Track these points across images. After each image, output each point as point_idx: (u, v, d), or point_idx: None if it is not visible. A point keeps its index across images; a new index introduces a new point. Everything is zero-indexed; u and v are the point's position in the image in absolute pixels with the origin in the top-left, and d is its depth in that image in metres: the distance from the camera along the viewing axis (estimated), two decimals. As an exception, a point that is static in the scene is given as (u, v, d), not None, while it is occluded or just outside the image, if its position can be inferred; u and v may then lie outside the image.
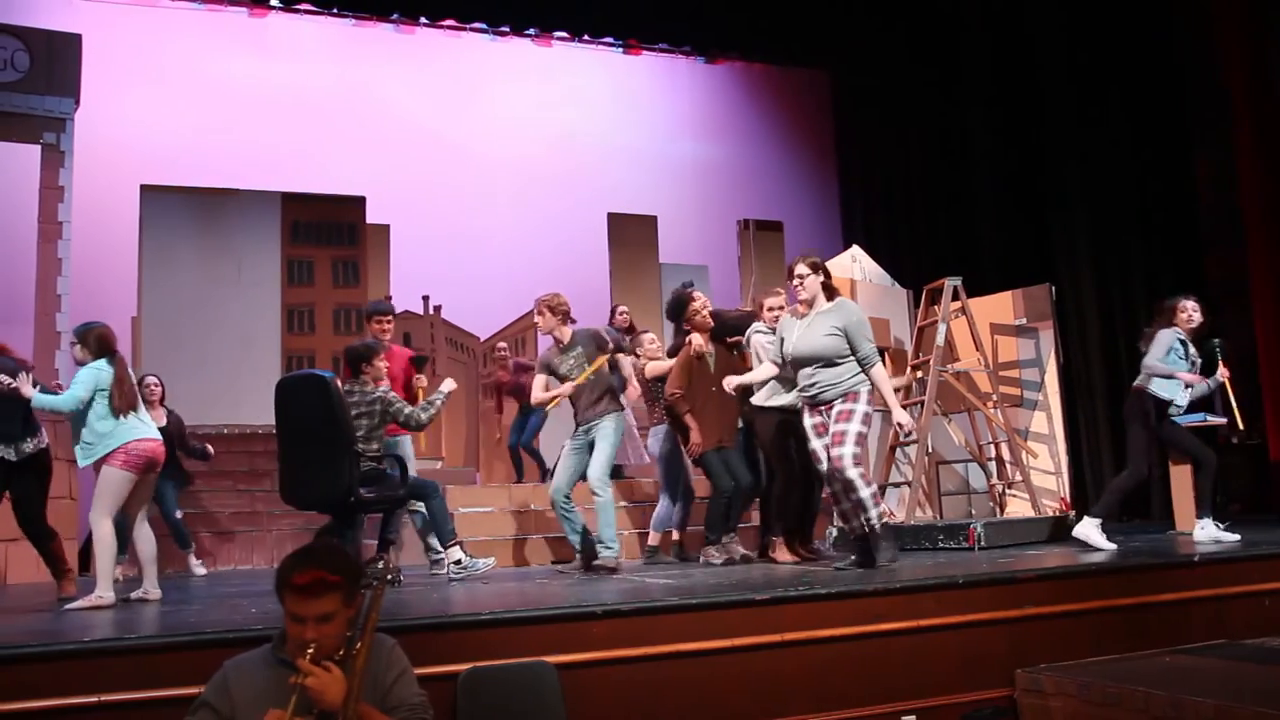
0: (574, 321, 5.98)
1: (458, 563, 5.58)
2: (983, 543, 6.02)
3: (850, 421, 4.86)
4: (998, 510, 7.24)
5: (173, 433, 7.31)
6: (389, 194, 10.07)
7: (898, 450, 7.23)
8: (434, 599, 4.50)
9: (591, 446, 5.80)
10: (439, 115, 11.35)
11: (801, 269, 5.08)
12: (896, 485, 7.21)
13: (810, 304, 5.09)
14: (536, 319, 5.90)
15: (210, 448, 7.60)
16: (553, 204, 10.70)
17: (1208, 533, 5.75)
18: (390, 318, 6.41)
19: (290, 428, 5.40)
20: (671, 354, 6.28)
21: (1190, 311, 5.94)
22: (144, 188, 9.08)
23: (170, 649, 3.19)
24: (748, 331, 5.98)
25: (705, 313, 6.08)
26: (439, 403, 5.60)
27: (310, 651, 2.38)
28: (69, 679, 3.06)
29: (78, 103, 8.99)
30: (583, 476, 5.83)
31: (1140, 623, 4.27)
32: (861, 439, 4.89)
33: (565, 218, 10.70)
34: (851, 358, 4.97)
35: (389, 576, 5.09)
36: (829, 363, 4.95)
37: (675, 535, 6.36)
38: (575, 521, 5.85)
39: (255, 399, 8.85)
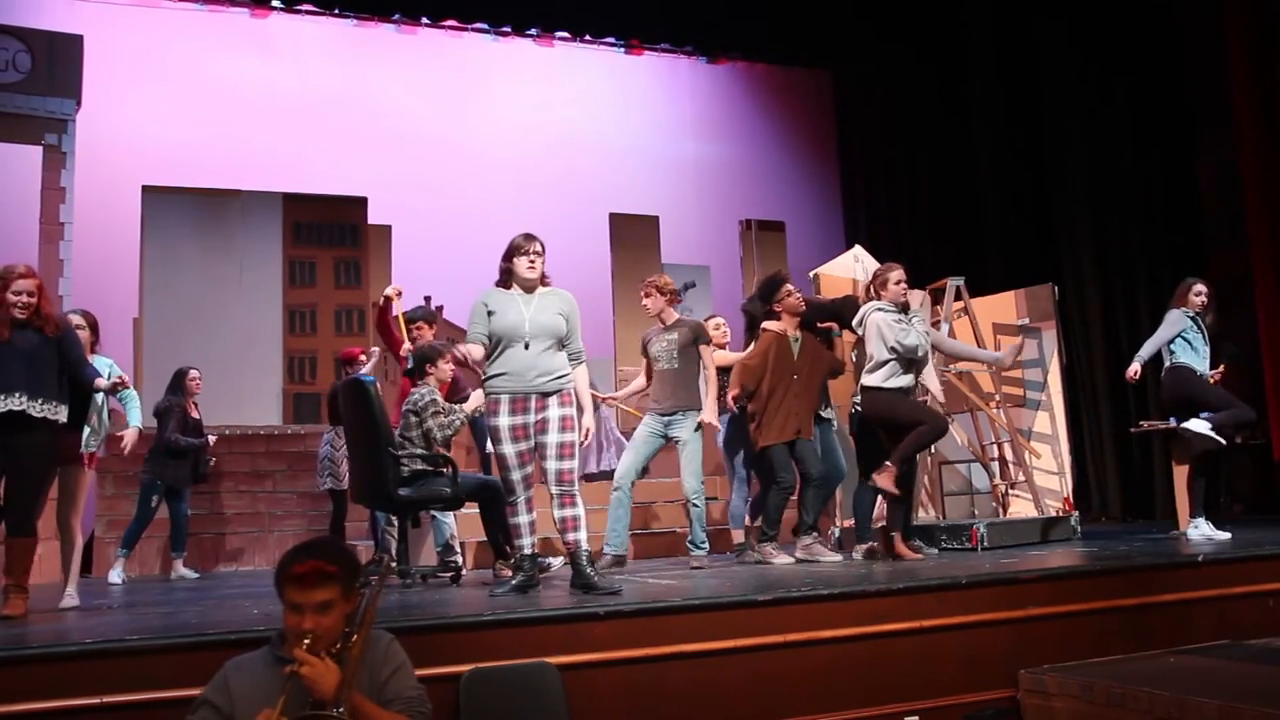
0: (680, 304, 6.12)
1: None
2: (986, 543, 6.01)
3: None
4: (1001, 510, 7.23)
5: (199, 428, 7.37)
6: (391, 195, 10.08)
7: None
8: (434, 600, 4.50)
9: (665, 439, 5.86)
10: (441, 116, 11.36)
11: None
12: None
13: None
14: (645, 301, 5.99)
15: (213, 461, 7.62)
16: (554, 204, 10.69)
17: (1201, 531, 5.77)
18: (427, 325, 6.32)
19: (347, 430, 5.77)
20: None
21: (1198, 292, 6.16)
22: (145, 189, 9.10)
23: (172, 650, 3.19)
24: (865, 310, 5.68)
25: (798, 295, 6.02)
26: (459, 422, 5.58)
27: (307, 642, 2.40)
28: (72, 680, 3.06)
29: (79, 104, 9.00)
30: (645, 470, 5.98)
31: (1144, 623, 4.26)
32: None
33: (567, 218, 10.70)
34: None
35: (407, 575, 5.21)
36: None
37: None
38: (625, 511, 5.84)
39: (257, 400, 8.92)
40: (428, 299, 10.83)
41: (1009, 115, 10.55)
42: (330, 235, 9.66)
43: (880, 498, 5.73)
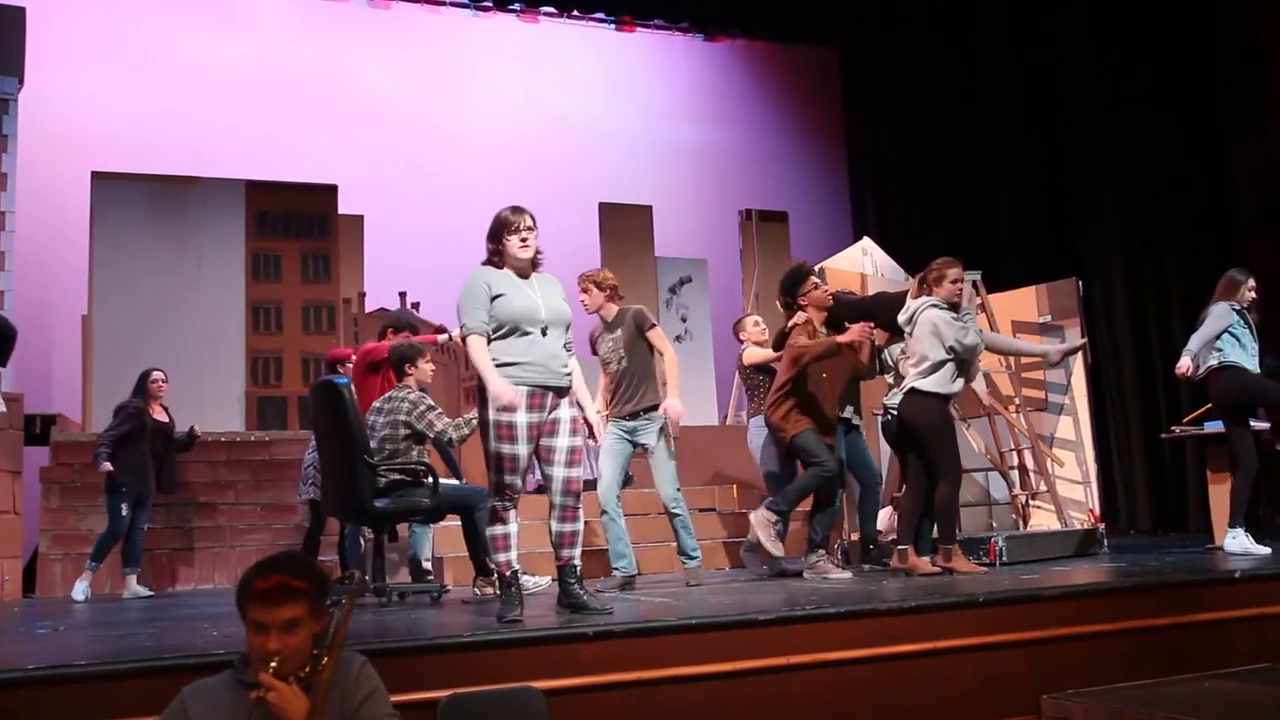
0: (622, 299, 5.92)
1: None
2: (1005, 558, 6.02)
3: None
4: (1021, 523, 7.24)
5: (173, 434, 7.34)
6: (363, 182, 10.07)
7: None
8: (411, 620, 4.48)
9: (634, 446, 5.77)
10: (417, 97, 11.35)
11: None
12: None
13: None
14: (582, 298, 5.80)
15: (197, 430, 7.63)
16: (540, 193, 10.57)
17: (1239, 543, 5.77)
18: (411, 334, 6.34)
19: (318, 437, 5.75)
20: (776, 345, 6.15)
21: (1251, 286, 6.17)
22: (95, 175, 9.06)
23: (125, 676, 3.17)
24: (916, 305, 5.63)
25: (825, 290, 5.98)
26: (476, 420, 5.55)
27: (274, 665, 2.39)
28: (14, 709, 3.04)
29: (22, 82, 8.96)
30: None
31: (1177, 645, 4.26)
32: None
33: (553, 207, 10.61)
34: None
35: (383, 594, 5.20)
36: None
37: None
38: (621, 529, 5.80)
39: (217, 404, 8.88)
40: (403, 295, 10.84)
41: (1028, 98, 10.57)
42: (297, 226, 9.63)
43: (893, 509, 5.73)
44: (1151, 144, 9.54)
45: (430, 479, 5.40)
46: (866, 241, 7.79)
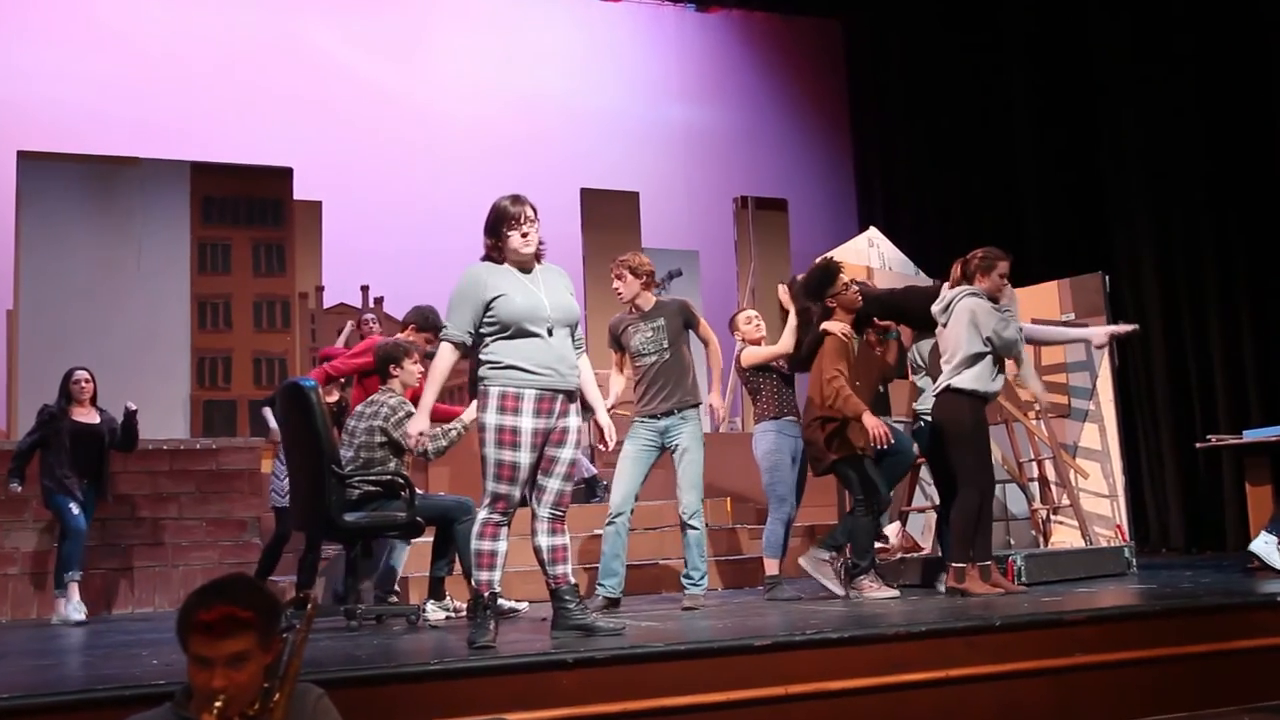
0: (658, 287, 6.01)
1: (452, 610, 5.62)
2: (1024, 578, 6.02)
3: None
4: (1041, 540, 7.25)
5: (105, 436, 7.32)
6: (321, 165, 10.05)
7: (921, 469, 7.24)
8: (372, 646, 4.47)
9: (663, 450, 5.79)
10: (380, 73, 11.34)
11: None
12: (921, 510, 7.22)
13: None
14: (616, 284, 5.85)
15: (131, 405, 7.55)
16: (515, 177, 10.42)
17: (1270, 550, 5.81)
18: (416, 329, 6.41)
19: (285, 443, 5.79)
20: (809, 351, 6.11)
21: None
22: (22, 155, 9.02)
23: (54, 710, 3.15)
24: (954, 294, 5.65)
25: (855, 290, 5.99)
26: (456, 433, 5.58)
27: (219, 705, 2.36)
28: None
29: (-59, 53, 8.92)
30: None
31: (1212, 674, 4.27)
32: None
33: (530, 193, 10.59)
34: None
35: (354, 616, 5.18)
36: None
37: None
38: (624, 544, 5.81)
39: (159, 408, 8.83)
40: (365, 289, 10.83)
41: (1051, 76, 10.59)
42: (248, 212, 9.61)
43: (900, 525, 5.74)
44: (1188, 125, 9.54)
45: (407, 492, 5.42)
46: (873, 232, 7.80)
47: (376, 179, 10.78)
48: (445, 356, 4.24)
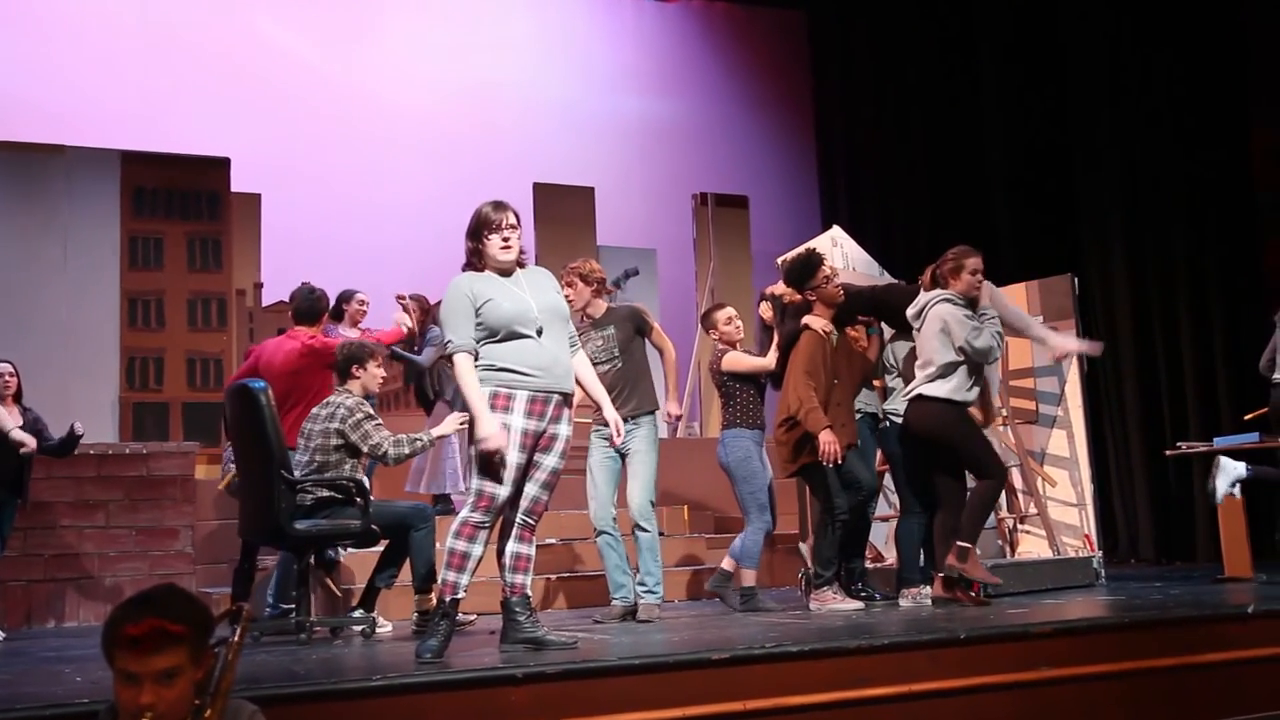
0: (610, 294, 6.10)
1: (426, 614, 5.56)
2: (989, 589, 6.07)
3: None
4: (1008, 550, 7.32)
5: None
6: (260, 156, 9.96)
7: (884, 477, 7.28)
8: (312, 660, 4.44)
9: (623, 457, 5.87)
10: (324, 59, 11.25)
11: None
12: (885, 519, 7.25)
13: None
14: (565, 291, 5.76)
15: (79, 428, 7.44)
16: (463, 171, 10.65)
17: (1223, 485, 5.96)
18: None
19: (235, 447, 5.79)
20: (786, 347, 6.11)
21: None
22: (-61, 142, 8.90)
23: (-31, 727, 3.11)
24: (927, 299, 5.70)
25: (837, 283, 6.01)
26: (423, 443, 5.61)
27: (147, 720, 2.34)
28: None
29: None
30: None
31: (1182, 688, 4.32)
32: None
33: (480, 187, 10.44)
34: None
35: (303, 629, 5.14)
36: None
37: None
38: (621, 555, 5.86)
39: (85, 411, 8.70)
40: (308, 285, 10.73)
41: (1026, 72, 10.70)
42: (182, 205, 9.53)
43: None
44: (1161, 128, 9.67)
45: (361, 498, 5.41)
46: (837, 231, 7.83)
47: (319, 171, 10.69)
48: (466, 367, 4.30)
